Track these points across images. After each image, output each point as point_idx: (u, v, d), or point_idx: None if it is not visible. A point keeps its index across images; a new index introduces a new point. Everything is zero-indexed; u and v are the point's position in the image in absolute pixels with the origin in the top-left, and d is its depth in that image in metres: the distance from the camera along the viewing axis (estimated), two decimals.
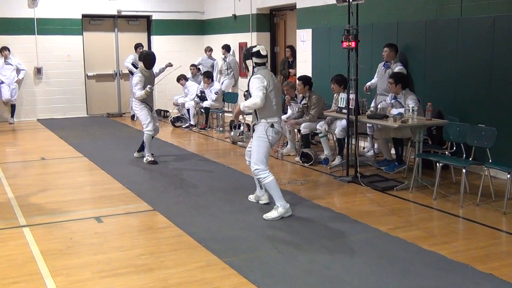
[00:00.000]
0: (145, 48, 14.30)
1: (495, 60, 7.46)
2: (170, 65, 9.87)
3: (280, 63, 12.58)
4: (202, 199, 6.84)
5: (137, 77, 8.75)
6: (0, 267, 4.75)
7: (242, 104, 6.02)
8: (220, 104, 12.56)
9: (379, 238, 5.37)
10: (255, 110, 6.01)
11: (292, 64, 11.95)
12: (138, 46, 13.83)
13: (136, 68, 13.58)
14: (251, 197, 6.65)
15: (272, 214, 5.94)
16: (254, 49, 5.99)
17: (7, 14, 13.74)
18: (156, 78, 9.26)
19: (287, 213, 5.98)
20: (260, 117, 6.00)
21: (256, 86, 5.84)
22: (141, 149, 9.22)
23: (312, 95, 8.97)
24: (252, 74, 6.00)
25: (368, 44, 9.09)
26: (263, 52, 5.97)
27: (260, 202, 6.50)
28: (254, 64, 5.98)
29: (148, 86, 8.64)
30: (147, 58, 8.79)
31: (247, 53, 6.07)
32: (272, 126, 5.96)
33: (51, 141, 11.20)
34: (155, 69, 9.33)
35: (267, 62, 6.10)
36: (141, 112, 8.81)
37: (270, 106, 5.94)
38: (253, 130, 6.12)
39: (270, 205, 6.28)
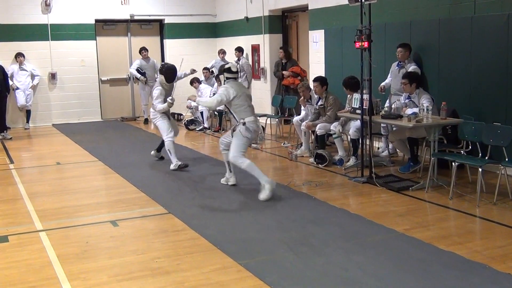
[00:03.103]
0: (150, 51, 14.41)
1: (509, 57, 7.38)
2: (194, 71, 9.90)
3: (274, 64, 12.51)
4: (217, 201, 6.85)
5: (157, 91, 8.61)
6: (17, 272, 4.79)
7: (198, 98, 8.08)
8: None
9: (395, 239, 5.34)
10: (233, 115, 7.21)
11: (286, 65, 11.87)
12: (142, 49, 14.05)
13: (141, 73, 13.81)
14: (222, 180, 7.66)
15: (264, 195, 6.75)
16: (226, 66, 7.39)
17: (21, 20, 13.85)
18: (178, 81, 9.23)
19: (273, 185, 6.83)
20: (237, 118, 7.13)
21: (219, 92, 7.18)
22: (159, 148, 9.25)
23: (329, 96, 8.94)
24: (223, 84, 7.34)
25: (381, 44, 9.05)
26: (233, 69, 7.33)
27: (229, 183, 7.54)
28: (225, 78, 7.26)
29: (169, 98, 8.50)
30: (169, 72, 8.66)
31: (220, 69, 7.47)
32: (244, 124, 7.00)
33: (66, 146, 11.28)
34: (178, 73, 9.08)
35: (238, 77, 7.54)
36: (158, 121, 8.71)
37: (243, 108, 7.08)
38: (233, 130, 7.17)
39: (238, 186, 7.44)
